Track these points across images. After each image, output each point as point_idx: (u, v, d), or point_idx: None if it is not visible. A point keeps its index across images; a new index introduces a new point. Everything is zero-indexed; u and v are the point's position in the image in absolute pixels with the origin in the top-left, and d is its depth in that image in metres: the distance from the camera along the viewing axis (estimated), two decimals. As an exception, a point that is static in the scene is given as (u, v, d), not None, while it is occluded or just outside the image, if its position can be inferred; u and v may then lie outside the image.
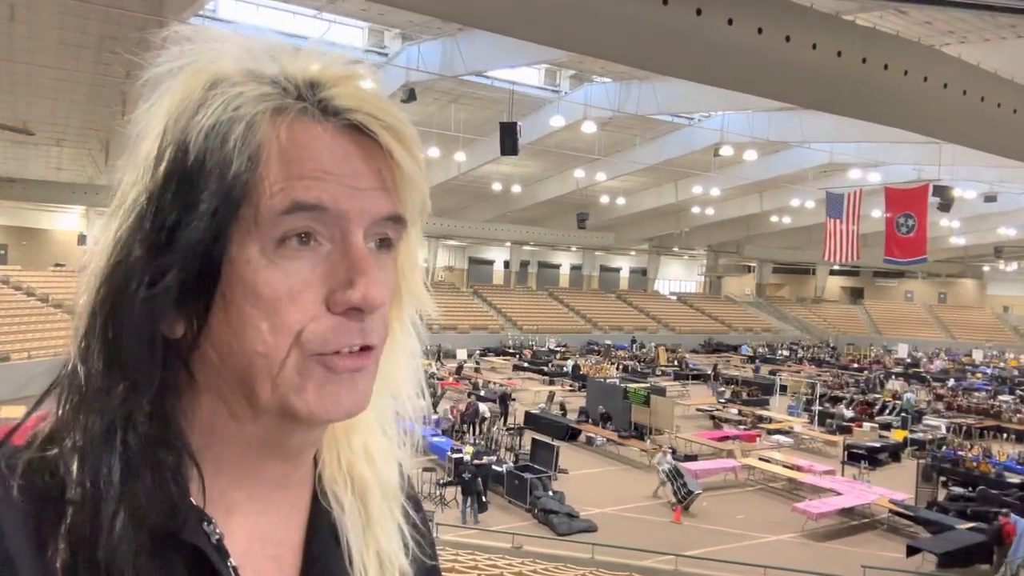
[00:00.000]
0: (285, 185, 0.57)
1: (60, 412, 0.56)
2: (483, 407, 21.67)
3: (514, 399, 23.71)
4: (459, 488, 14.80)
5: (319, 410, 0.59)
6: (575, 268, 57.93)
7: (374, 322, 0.61)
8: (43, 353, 22.90)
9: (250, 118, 0.57)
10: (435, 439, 18.47)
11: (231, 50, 0.60)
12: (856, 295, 65.22)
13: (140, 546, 0.53)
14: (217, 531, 0.59)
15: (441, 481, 15.80)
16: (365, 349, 0.61)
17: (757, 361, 42.39)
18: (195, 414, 0.60)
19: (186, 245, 0.56)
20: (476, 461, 15.56)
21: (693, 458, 19.35)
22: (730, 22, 11.09)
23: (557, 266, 58.53)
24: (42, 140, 24.32)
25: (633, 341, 45.68)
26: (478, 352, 38.19)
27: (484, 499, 15.02)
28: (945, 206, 27.33)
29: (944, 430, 23.77)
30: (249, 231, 0.57)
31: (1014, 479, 17.77)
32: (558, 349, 41.46)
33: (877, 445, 20.95)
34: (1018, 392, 33.02)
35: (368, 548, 0.70)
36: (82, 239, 35.43)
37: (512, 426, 21.22)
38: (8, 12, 14.71)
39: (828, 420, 24.70)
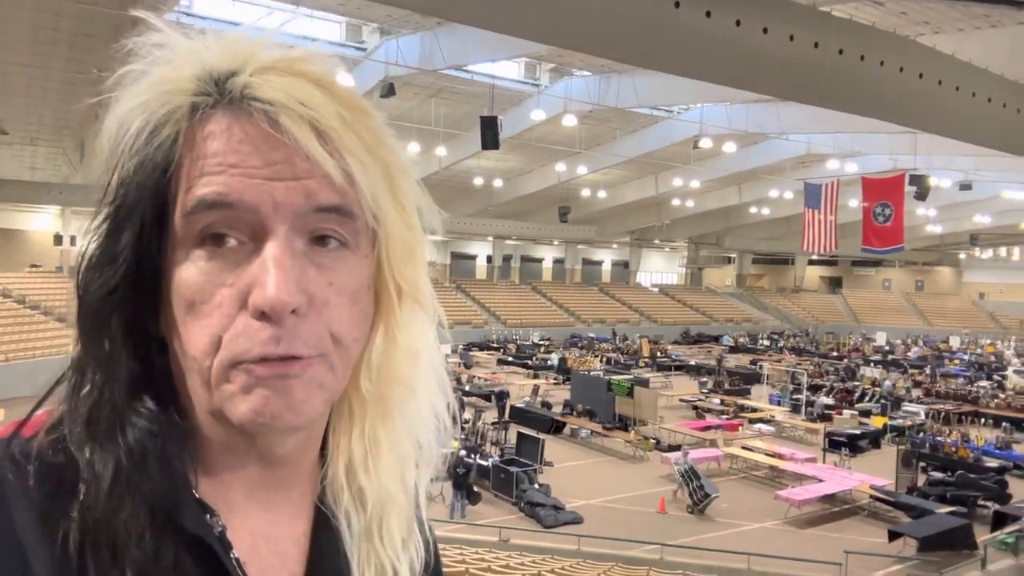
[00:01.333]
0: (191, 183, 0.56)
1: (65, 406, 0.58)
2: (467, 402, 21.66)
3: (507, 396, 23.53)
4: (449, 483, 14.80)
5: (246, 419, 0.56)
6: (558, 262, 58.03)
7: (302, 328, 0.56)
8: (21, 356, 22.59)
9: (169, 120, 0.57)
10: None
11: (164, 53, 0.58)
12: (835, 284, 65.92)
13: (148, 532, 0.53)
14: (220, 524, 0.59)
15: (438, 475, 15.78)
16: (297, 359, 0.57)
17: (722, 353, 42.70)
18: (188, 409, 0.61)
19: (123, 248, 0.57)
20: (468, 458, 15.56)
21: (677, 448, 19.50)
22: (708, 14, 11.14)
23: (540, 260, 58.58)
24: (16, 139, 23.94)
25: (614, 334, 45.86)
26: (462, 347, 38.18)
27: (475, 490, 15.02)
28: (921, 195, 27.69)
29: (923, 416, 24.12)
30: (174, 234, 0.57)
31: (992, 463, 18.08)
32: (542, 343, 41.54)
33: (857, 432, 21.21)
34: (995, 377, 33.57)
35: (369, 559, 0.69)
36: (58, 239, 34.91)
37: (496, 420, 21.24)
38: (-22, 9, 14.44)
39: (808, 408, 24.97)
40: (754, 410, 24.72)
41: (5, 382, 19.97)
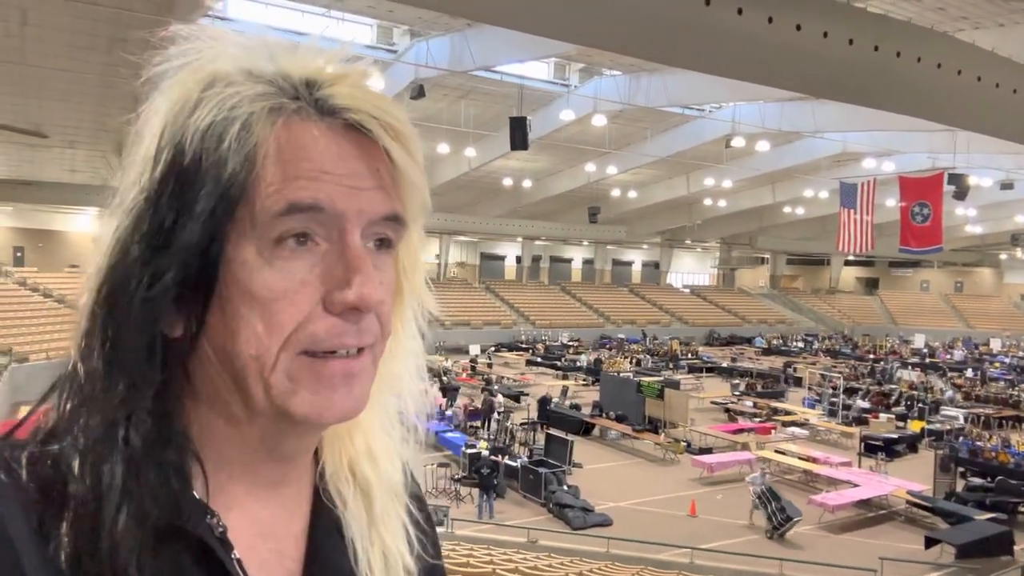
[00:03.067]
0: (282, 186, 0.56)
1: (61, 410, 0.57)
2: (498, 401, 21.66)
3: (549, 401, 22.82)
4: (476, 483, 14.85)
5: (312, 413, 0.59)
6: (587, 262, 57.82)
7: (370, 322, 0.61)
8: (61, 354, 22.67)
9: (246, 118, 0.57)
10: (450, 435, 18.52)
11: (228, 49, 0.59)
12: (871, 285, 64.76)
13: (144, 540, 0.53)
14: (221, 524, 0.59)
15: (456, 476, 15.84)
16: (360, 351, 0.60)
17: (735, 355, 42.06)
18: (195, 413, 0.61)
19: (183, 246, 0.56)
20: (494, 457, 15.59)
21: (708, 451, 19.31)
22: (740, 12, 11.01)
23: (569, 260, 58.42)
24: (55, 143, 24.52)
25: (644, 335, 45.61)
26: (492, 348, 38.25)
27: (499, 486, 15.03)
28: (961, 194, 27.11)
29: (962, 420, 23.57)
30: (246, 232, 0.57)
31: (1034, 469, 17.60)
32: (571, 344, 41.43)
33: (894, 436, 20.80)
34: (1037, 381, 32.70)
35: (373, 546, 0.70)
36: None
37: (526, 421, 21.23)
38: (21, 16, 14.83)
39: (844, 412, 24.55)
40: (788, 413, 24.38)
41: (46, 380, 20.45)
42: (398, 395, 0.72)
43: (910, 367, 36.13)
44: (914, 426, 22.56)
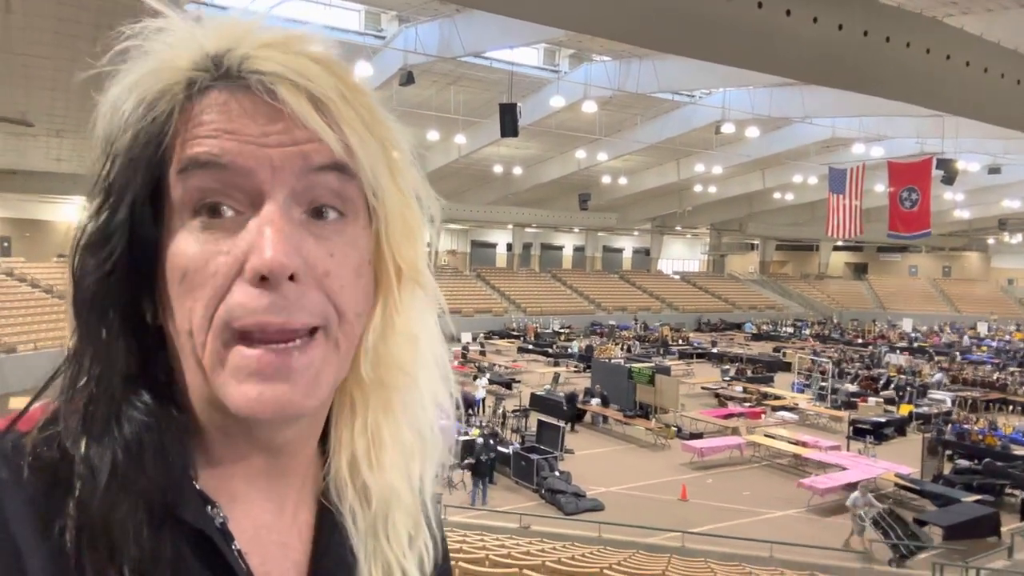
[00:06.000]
0: (183, 148, 0.55)
1: (61, 399, 0.57)
2: (480, 390, 21.70)
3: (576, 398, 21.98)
4: (467, 470, 14.90)
5: (241, 407, 0.55)
6: (578, 249, 57.86)
7: (306, 297, 0.55)
8: (49, 344, 23.00)
9: (162, 97, 0.56)
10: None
11: (176, 35, 0.58)
12: (860, 271, 65.09)
13: (144, 528, 0.53)
14: (221, 515, 0.58)
15: (449, 464, 15.87)
16: (312, 334, 0.56)
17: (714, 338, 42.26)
18: (187, 400, 0.59)
19: (116, 229, 0.56)
20: (491, 442, 15.65)
21: (699, 436, 19.44)
22: (730, -3, 10.97)
23: (560, 248, 58.44)
24: (41, 131, 24.25)
25: (635, 320, 45.72)
26: (482, 335, 38.30)
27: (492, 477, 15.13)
28: (949, 179, 27.21)
29: (950, 403, 23.81)
30: (169, 208, 0.56)
31: (1020, 451, 17.81)
32: (562, 331, 41.52)
33: (882, 420, 21.00)
34: None
35: (375, 558, 0.67)
36: (83, 230, 35.43)
37: (516, 408, 21.28)
38: (3, 3, 14.62)
39: (833, 396, 24.75)
40: (777, 398, 24.56)
41: (35, 370, 20.35)
42: (399, 389, 0.66)
43: (898, 351, 36.43)
44: (902, 410, 22.77)
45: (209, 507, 0.58)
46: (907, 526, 12.79)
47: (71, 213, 38.16)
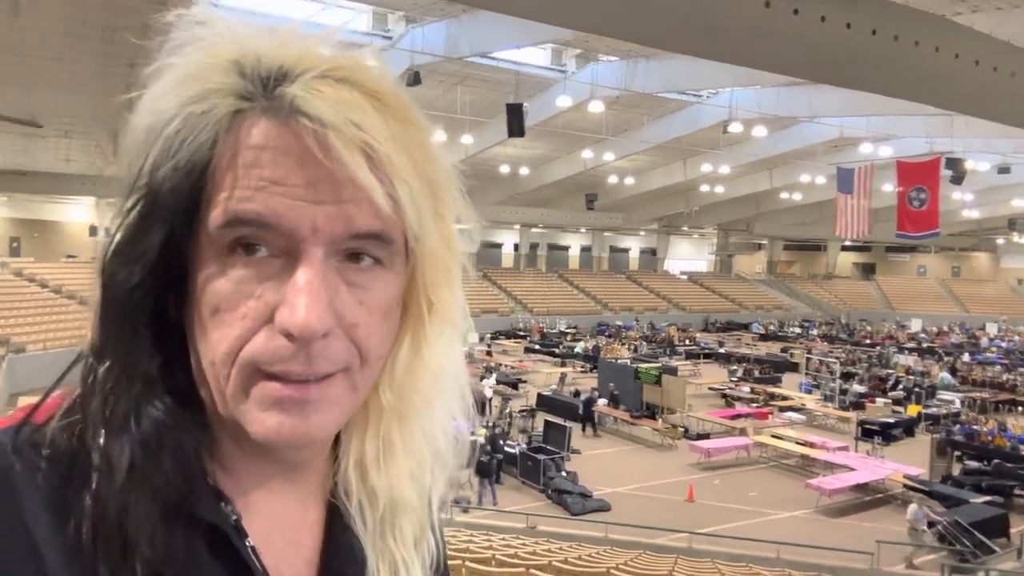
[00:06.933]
0: (230, 194, 0.54)
1: (79, 393, 0.57)
2: (487, 390, 21.67)
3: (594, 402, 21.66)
4: (474, 470, 14.89)
5: (260, 434, 0.56)
6: (584, 249, 57.78)
7: (330, 348, 0.56)
8: (58, 344, 23.11)
9: (206, 120, 0.55)
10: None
11: (217, 32, 0.57)
12: (868, 271, 64.83)
13: (160, 524, 0.53)
14: (235, 512, 0.59)
15: (460, 467, 15.88)
16: (316, 379, 0.56)
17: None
18: (205, 406, 0.60)
19: (151, 247, 0.56)
20: (499, 442, 15.65)
21: (705, 436, 19.40)
22: (737, -4, 10.94)
23: (566, 248, 58.37)
24: (50, 132, 24.39)
25: (636, 321, 45.65)
26: (489, 335, 38.30)
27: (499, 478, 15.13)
28: (957, 179, 27.08)
29: (959, 404, 23.68)
30: (206, 236, 0.55)
31: (1029, 452, 17.70)
32: (568, 331, 41.49)
33: (891, 420, 20.90)
34: (1033, 365, 32.82)
35: (383, 557, 0.68)
36: (93, 230, 35.61)
37: (523, 408, 21.27)
38: (12, 5, 14.70)
39: (841, 397, 24.65)
40: (784, 398, 24.48)
41: (44, 370, 20.48)
42: (426, 414, 0.68)
43: (907, 352, 36.24)
44: (911, 410, 22.66)
45: (223, 504, 0.59)
46: (973, 534, 12.44)
47: (80, 214, 38.38)
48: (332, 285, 0.55)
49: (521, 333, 40.82)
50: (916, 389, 25.67)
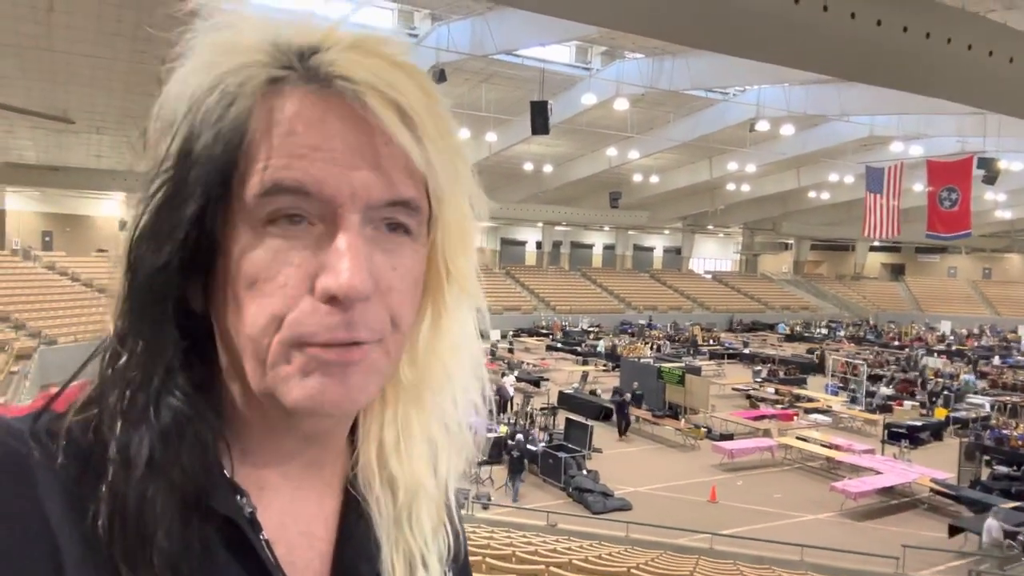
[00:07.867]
0: (267, 163, 0.54)
1: (96, 383, 0.57)
2: (508, 387, 21.70)
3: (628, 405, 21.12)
4: (507, 466, 14.98)
5: (300, 402, 0.56)
6: (608, 248, 57.55)
7: (371, 313, 0.56)
8: (89, 337, 23.53)
9: (243, 93, 0.55)
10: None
11: (244, 23, 0.58)
12: (897, 271, 63.84)
13: (176, 516, 0.53)
14: (250, 505, 0.59)
15: (478, 460, 15.94)
16: (355, 343, 0.56)
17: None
18: (225, 389, 0.60)
19: (180, 221, 0.55)
20: (524, 440, 15.69)
21: (729, 437, 19.25)
22: (766, -7, 10.82)
23: (590, 246, 58.18)
24: (82, 128, 24.83)
25: (650, 319, 45.41)
26: (511, 333, 38.33)
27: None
28: (990, 179, 26.54)
29: (988, 408, 23.25)
30: (241, 210, 0.55)
31: (1061, 458, 17.34)
32: (591, 329, 41.40)
33: (918, 424, 20.58)
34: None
35: (397, 547, 0.68)
36: (123, 225, 35.98)
37: (544, 406, 21.26)
38: (48, 3, 14.99)
39: (868, 399, 24.32)
40: (810, 400, 24.20)
41: (74, 362, 20.83)
42: (443, 395, 0.68)
43: (935, 354, 35.66)
44: (939, 414, 22.30)
45: (239, 497, 0.59)
46: None
47: (111, 208, 39.02)
48: (368, 248, 0.56)
49: (544, 331, 40.81)
50: (945, 392, 25.25)
